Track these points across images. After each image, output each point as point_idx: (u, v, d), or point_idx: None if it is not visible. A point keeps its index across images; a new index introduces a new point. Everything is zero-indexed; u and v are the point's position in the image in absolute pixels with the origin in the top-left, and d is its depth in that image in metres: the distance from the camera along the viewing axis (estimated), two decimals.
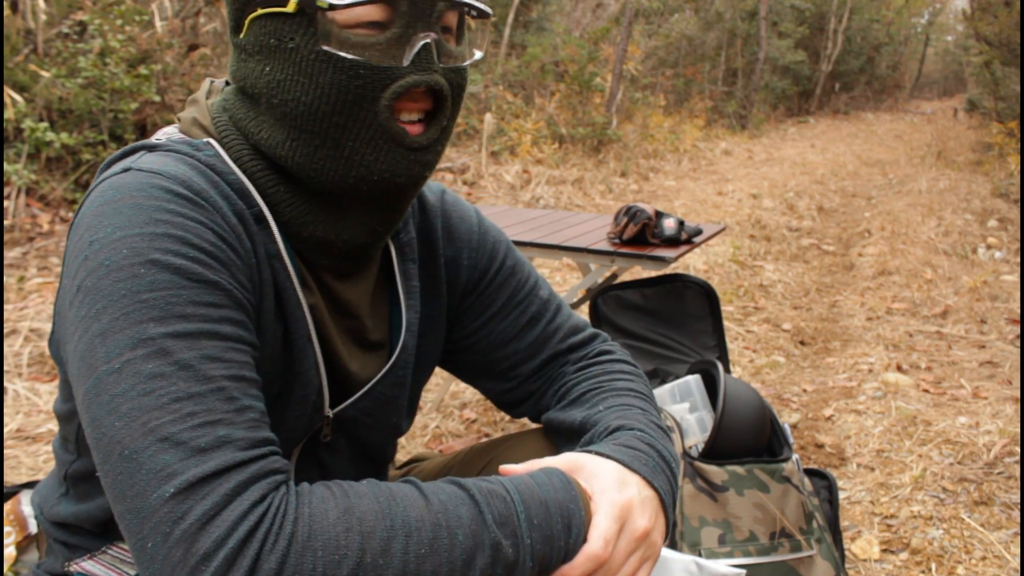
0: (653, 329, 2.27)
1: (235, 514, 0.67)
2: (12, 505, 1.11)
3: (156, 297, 0.72)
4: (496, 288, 1.07)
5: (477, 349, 1.08)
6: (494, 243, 1.09)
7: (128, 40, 4.93)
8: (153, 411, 0.69)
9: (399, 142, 0.83)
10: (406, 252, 1.00)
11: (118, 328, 0.71)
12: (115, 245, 0.73)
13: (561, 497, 0.80)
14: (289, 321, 0.87)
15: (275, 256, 0.86)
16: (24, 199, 4.37)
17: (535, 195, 6.83)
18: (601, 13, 12.68)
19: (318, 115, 0.81)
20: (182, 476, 0.67)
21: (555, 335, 1.08)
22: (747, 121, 14.55)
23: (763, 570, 1.60)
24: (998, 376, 3.25)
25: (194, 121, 0.90)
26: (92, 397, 0.71)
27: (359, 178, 0.84)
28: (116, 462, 0.69)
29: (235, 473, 0.69)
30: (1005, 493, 2.27)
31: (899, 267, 5.03)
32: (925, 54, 31.92)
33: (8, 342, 3.06)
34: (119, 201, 0.76)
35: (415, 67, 0.81)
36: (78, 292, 0.74)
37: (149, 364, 0.70)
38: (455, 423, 2.72)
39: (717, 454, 1.69)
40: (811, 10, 18.33)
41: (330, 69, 0.80)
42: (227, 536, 0.66)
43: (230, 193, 0.83)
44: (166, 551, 0.66)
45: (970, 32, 13.43)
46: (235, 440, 0.70)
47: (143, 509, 0.67)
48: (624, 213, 2.43)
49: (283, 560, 0.67)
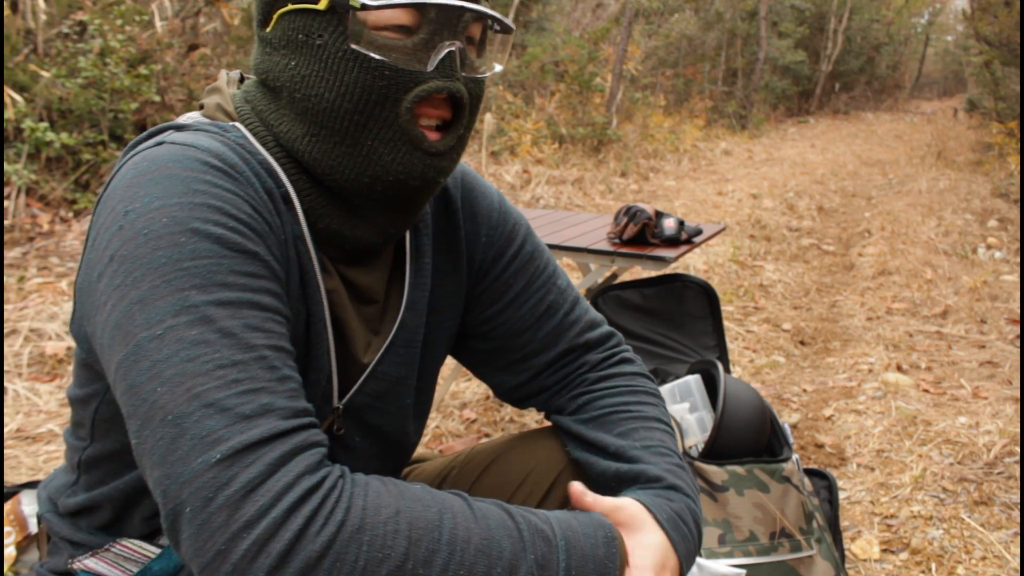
0: (653, 329, 2.27)
1: (280, 484, 0.67)
2: (12, 505, 1.11)
3: (198, 265, 0.72)
4: (514, 273, 1.05)
5: (492, 336, 1.06)
6: (514, 224, 1.07)
7: (128, 40, 4.93)
8: (198, 377, 0.69)
9: (417, 145, 0.84)
10: (420, 228, 0.99)
11: (159, 295, 0.71)
12: (154, 214, 0.73)
13: (602, 554, 0.80)
14: (311, 304, 0.88)
15: (299, 237, 0.86)
16: (24, 199, 4.37)
17: (535, 195, 6.83)
18: (601, 13, 12.68)
19: (340, 112, 0.82)
20: (228, 443, 0.67)
21: (572, 328, 1.06)
22: (747, 121, 14.55)
23: (763, 570, 1.60)
24: (998, 376, 3.25)
25: (218, 107, 0.91)
26: (131, 363, 0.70)
27: (374, 177, 0.85)
28: (157, 427, 0.68)
29: (280, 443, 0.69)
30: (1005, 493, 2.27)
31: (899, 267, 5.03)
32: (925, 54, 31.92)
33: (8, 342, 3.06)
34: (155, 172, 0.76)
35: (438, 73, 0.82)
36: (111, 261, 0.73)
37: (192, 331, 0.70)
38: (455, 423, 2.72)
39: (717, 454, 1.69)
40: (811, 10, 18.34)
41: (356, 68, 0.81)
42: (271, 505, 0.66)
43: (260, 171, 0.83)
44: (206, 516, 0.66)
45: (970, 32, 13.43)
46: (278, 408, 0.70)
47: (184, 474, 0.67)
48: (624, 213, 2.43)
49: (329, 544, 0.67)
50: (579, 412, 1.05)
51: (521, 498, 1.06)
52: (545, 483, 1.06)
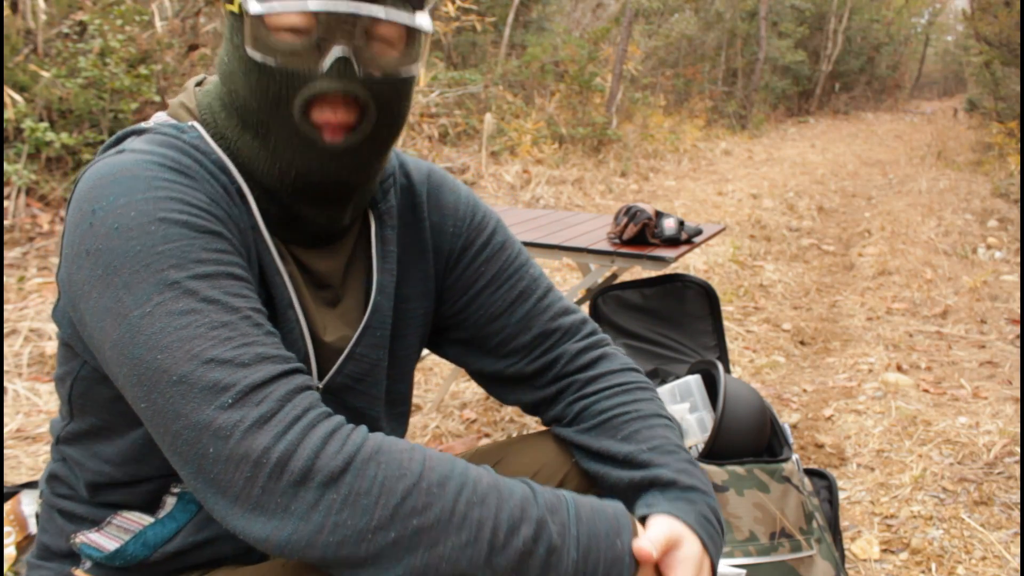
0: (653, 329, 2.27)
1: (290, 415, 0.75)
2: (12, 505, 1.11)
3: (171, 248, 0.78)
4: (485, 261, 1.08)
5: (467, 325, 1.09)
6: (484, 216, 1.11)
7: (128, 40, 4.93)
8: (194, 340, 0.76)
9: (312, 145, 0.88)
10: (385, 220, 1.03)
11: (141, 279, 0.77)
12: (121, 210, 0.79)
13: (611, 512, 0.83)
14: (271, 288, 0.93)
15: (254, 228, 0.92)
16: (24, 199, 4.37)
17: (535, 195, 6.83)
18: (601, 13, 12.67)
19: (251, 109, 0.88)
20: (235, 387, 0.75)
21: (545, 312, 1.09)
22: (747, 121, 14.55)
23: (763, 570, 1.60)
24: (998, 376, 3.25)
25: (181, 104, 0.96)
26: (127, 340, 0.77)
27: (282, 171, 0.90)
28: (165, 388, 0.75)
29: (282, 382, 0.77)
30: (1005, 493, 2.27)
31: (899, 267, 5.03)
32: (925, 54, 31.91)
33: (8, 342, 3.06)
34: (116, 175, 0.82)
35: (331, 75, 0.85)
36: (88, 256, 0.79)
37: (180, 303, 0.77)
38: (455, 423, 2.72)
39: (717, 454, 1.69)
40: (811, 10, 18.33)
41: (256, 70, 0.86)
42: (286, 430, 0.74)
43: (214, 169, 0.89)
44: (228, 452, 0.73)
45: (970, 32, 13.43)
46: (271, 356, 0.78)
47: (200, 421, 0.74)
48: (624, 213, 2.43)
49: (349, 460, 0.74)
50: (578, 421, 1.06)
51: None
52: (553, 482, 1.06)
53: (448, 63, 9.24)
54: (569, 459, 1.08)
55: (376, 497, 0.73)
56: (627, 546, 0.81)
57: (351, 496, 0.73)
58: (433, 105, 7.57)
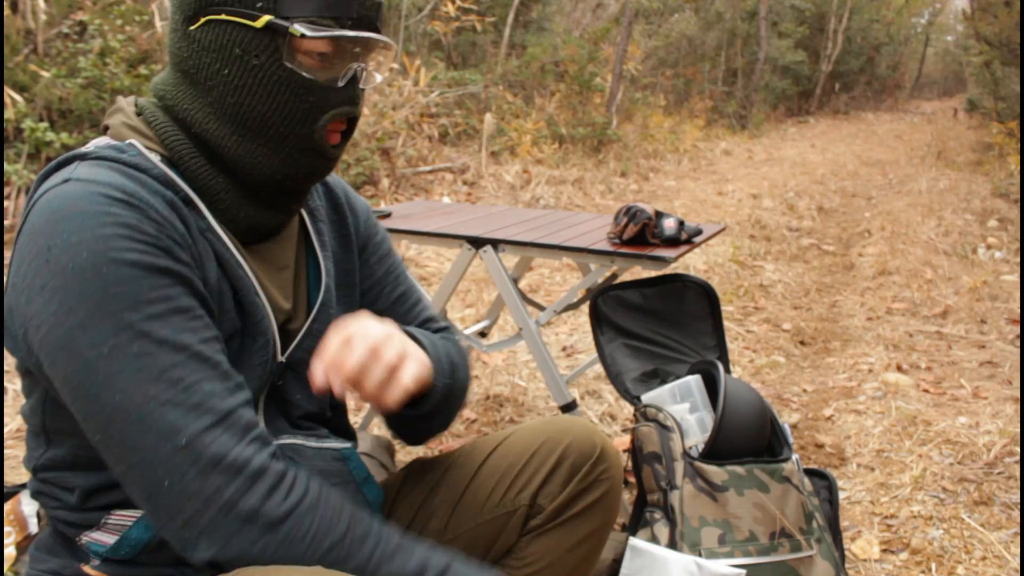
0: (653, 329, 2.27)
1: (240, 458, 0.86)
2: (12, 505, 1.11)
3: (123, 290, 0.85)
4: (377, 260, 1.23)
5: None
6: (377, 224, 1.26)
7: (128, 40, 4.93)
8: (148, 383, 0.84)
9: (323, 154, 1.01)
10: (316, 215, 1.15)
11: (97, 319, 0.83)
12: (74, 249, 0.84)
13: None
14: (234, 280, 0.99)
15: (207, 230, 0.97)
16: (24, 199, 4.37)
17: (535, 195, 6.83)
18: (601, 13, 12.68)
19: (269, 123, 0.96)
20: (188, 429, 0.84)
21: (417, 318, 1.24)
22: (747, 121, 14.55)
23: (763, 570, 1.60)
24: (998, 376, 3.25)
25: (123, 124, 1.01)
26: (83, 378, 0.84)
27: (286, 175, 1.00)
28: (122, 426, 0.84)
29: (230, 421, 0.87)
30: (1005, 493, 2.27)
31: (899, 267, 5.03)
32: (925, 54, 31.90)
33: None
34: (66, 209, 0.86)
35: (346, 96, 0.99)
36: (43, 291, 0.85)
37: (133, 346, 0.84)
38: (455, 423, 2.72)
39: (717, 454, 1.69)
40: (811, 10, 18.33)
41: (287, 90, 0.95)
42: (236, 474, 0.85)
43: (157, 187, 0.93)
44: (183, 486, 0.84)
45: (970, 32, 13.43)
46: (218, 394, 0.87)
47: (157, 458, 0.84)
48: (624, 213, 2.43)
49: (290, 511, 0.87)
50: None
51: (527, 476, 1.17)
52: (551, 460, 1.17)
53: (448, 63, 9.25)
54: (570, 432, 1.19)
55: (307, 545, 0.86)
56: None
57: (287, 541, 0.86)
58: (433, 105, 7.57)
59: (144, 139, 0.98)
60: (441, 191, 6.61)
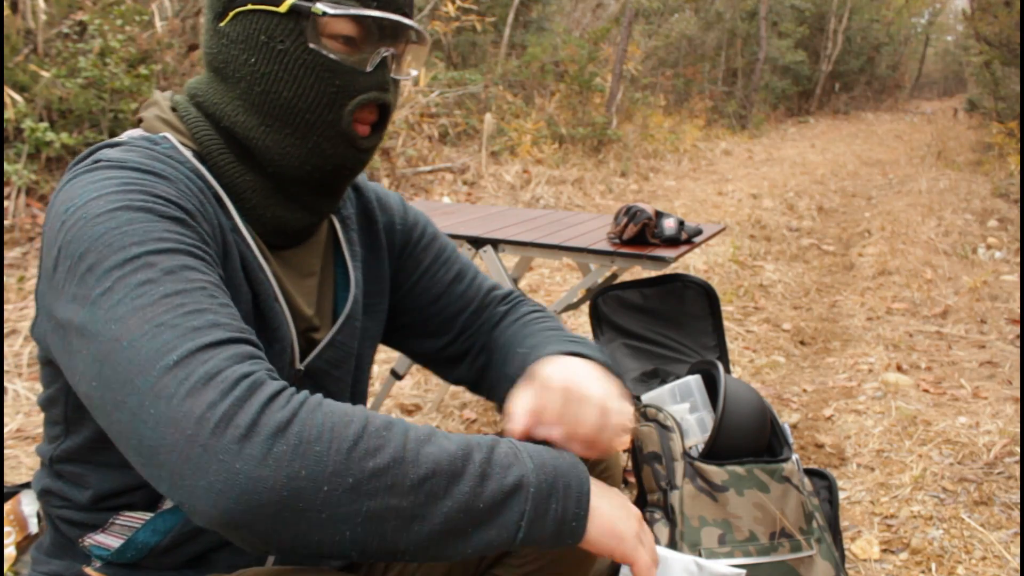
0: (653, 329, 2.27)
1: (237, 373, 0.72)
2: (12, 505, 1.11)
3: (135, 228, 0.79)
4: (423, 249, 1.20)
5: (412, 308, 1.20)
6: (415, 214, 1.24)
7: (128, 40, 4.93)
8: (147, 307, 0.75)
9: (352, 143, 0.98)
10: (348, 224, 1.12)
11: (104, 257, 0.77)
12: (91, 204, 0.81)
13: (567, 459, 0.85)
14: (254, 284, 0.96)
15: (233, 229, 0.96)
16: (24, 199, 4.37)
17: (535, 195, 6.83)
18: (601, 13, 12.67)
19: (295, 110, 0.94)
20: (182, 347, 0.72)
21: (480, 289, 1.22)
22: (747, 121, 14.55)
23: (763, 570, 1.60)
24: (998, 376, 3.25)
25: (157, 118, 0.99)
26: (88, 320, 0.76)
27: (315, 166, 0.97)
28: (115, 356, 0.73)
29: (232, 346, 0.75)
30: (1005, 493, 2.27)
31: (899, 267, 5.03)
32: (925, 54, 31.90)
33: (8, 342, 3.06)
34: (90, 178, 0.85)
35: (375, 82, 0.96)
36: (59, 252, 0.80)
37: (137, 275, 0.76)
38: (455, 423, 2.72)
39: (717, 454, 1.69)
40: (811, 10, 18.33)
41: (312, 74, 0.93)
42: (232, 386, 0.71)
43: (189, 175, 0.92)
44: (171, 411, 0.69)
45: (970, 32, 13.43)
46: (224, 324, 0.77)
47: (145, 383, 0.71)
48: (624, 213, 2.43)
49: (295, 412, 0.72)
50: (487, 356, 1.18)
51: None
52: None
53: (448, 63, 9.24)
54: None
55: (328, 443, 0.71)
56: (575, 458, 0.84)
57: (301, 445, 0.69)
58: (433, 105, 7.57)
59: (177, 134, 0.97)
60: (441, 191, 6.61)
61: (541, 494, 0.78)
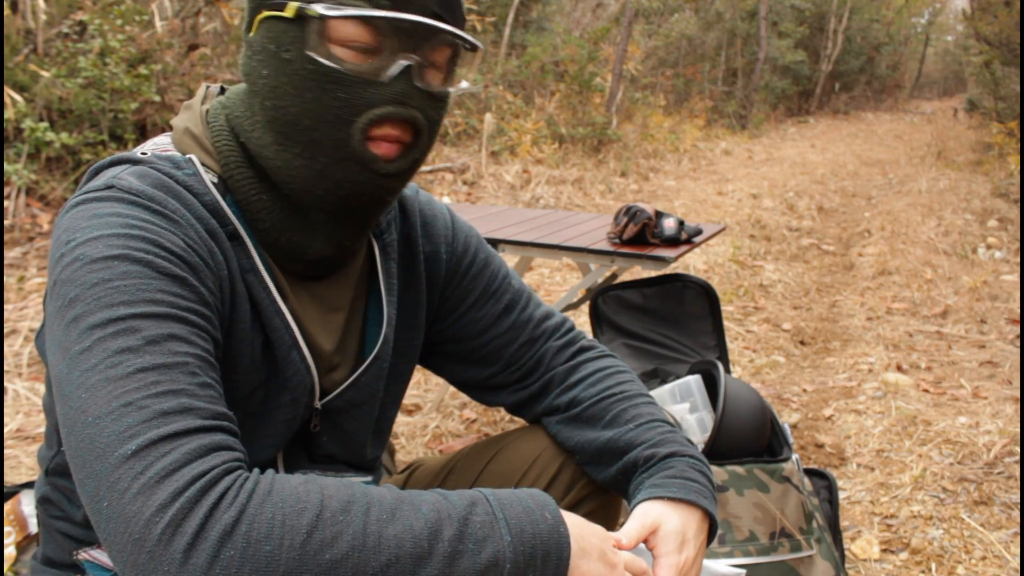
0: (653, 329, 2.27)
1: (195, 471, 0.67)
2: (12, 505, 1.11)
3: (127, 284, 0.75)
4: (472, 279, 1.12)
5: (457, 339, 1.13)
6: (467, 237, 1.14)
7: (128, 40, 4.93)
8: (119, 381, 0.70)
9: (367, 166, 0.86)
10: (388, 252, 1.03)
11: (90, 312, 0.73)
12: (91, 243, 0.77)
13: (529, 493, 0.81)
14: (268, 330, 0.90)
15: (249, 270, 0.89)
16: (24, 199, 4.37)
17: (535, 195, 6.83)
18: (601, 13, 12.67)
19: (301, 126, 0.85)
20: (143, 436, 0.68)
21: (531, 320, 1.14)
22: (747, 121, 14.55)
23: (763, 570, 1.60)
24: (998, 376, 3.25)
25: (186, 131, 0.93)
26: (64, 376, 0.72)
27: (326, 190, 0.87)
28: (80, 430, 0.69)
29: (197, 437, 0.69)
30: (1005, 493, 2.27)
31: (899, 267, 5.03)
32: (925, 54, 31.90)
33: (8, 342, 3.06)
34: (98, 209, 0.80)
35: (392, 94, 0.84)
36: (55, 286, 0.77)
37: (118, 340, 0.72)
38: (455, 423, 2.72)
39: (717, 454, 1.69)
40: (811, 10, 18.32)
41: (316, 86, 0.83)
42: (186, 488, 0.66)
43: (204, 214, 0.85)
44: (122, 508, 0.66)
45: (970, 32, 13.43)
46: (196, 409, 0.71)
47: (102, 470, 0.67)
48: (624, 213, 2.43)
49: (242, 509, 0.67)
50: (564, 411, 1.11)
51: (528, 483, 1.11)
52: (552, 467, 1.11)
53: None
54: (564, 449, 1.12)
55: (279, 540, 0.66)
56: (557, 517, 0.79)
57: (249, 547, 0.65)
58: None
59: (203, 153, 0.91)
60: (441, 191, 6.61)
61: (518, 568, 0.74)
